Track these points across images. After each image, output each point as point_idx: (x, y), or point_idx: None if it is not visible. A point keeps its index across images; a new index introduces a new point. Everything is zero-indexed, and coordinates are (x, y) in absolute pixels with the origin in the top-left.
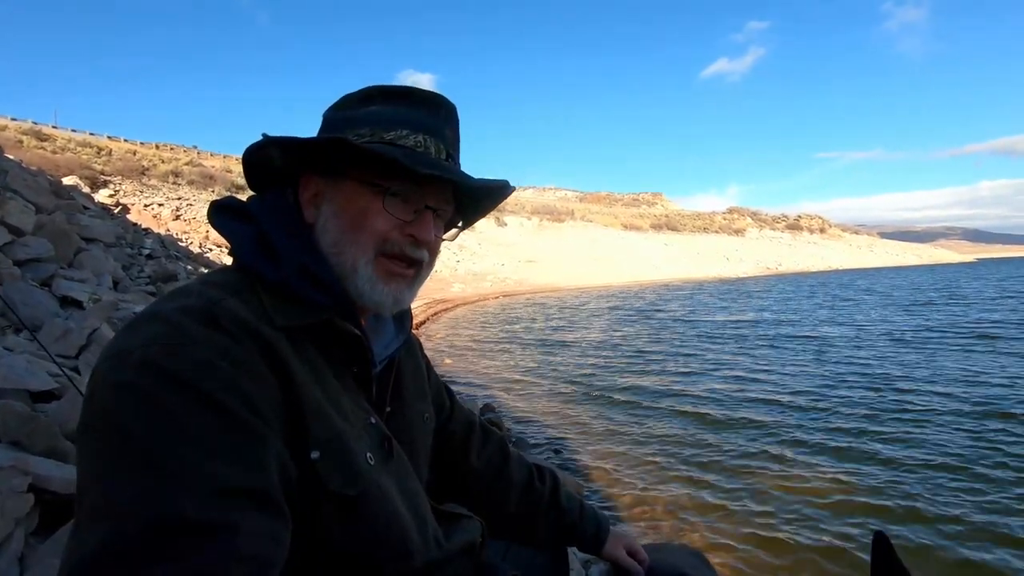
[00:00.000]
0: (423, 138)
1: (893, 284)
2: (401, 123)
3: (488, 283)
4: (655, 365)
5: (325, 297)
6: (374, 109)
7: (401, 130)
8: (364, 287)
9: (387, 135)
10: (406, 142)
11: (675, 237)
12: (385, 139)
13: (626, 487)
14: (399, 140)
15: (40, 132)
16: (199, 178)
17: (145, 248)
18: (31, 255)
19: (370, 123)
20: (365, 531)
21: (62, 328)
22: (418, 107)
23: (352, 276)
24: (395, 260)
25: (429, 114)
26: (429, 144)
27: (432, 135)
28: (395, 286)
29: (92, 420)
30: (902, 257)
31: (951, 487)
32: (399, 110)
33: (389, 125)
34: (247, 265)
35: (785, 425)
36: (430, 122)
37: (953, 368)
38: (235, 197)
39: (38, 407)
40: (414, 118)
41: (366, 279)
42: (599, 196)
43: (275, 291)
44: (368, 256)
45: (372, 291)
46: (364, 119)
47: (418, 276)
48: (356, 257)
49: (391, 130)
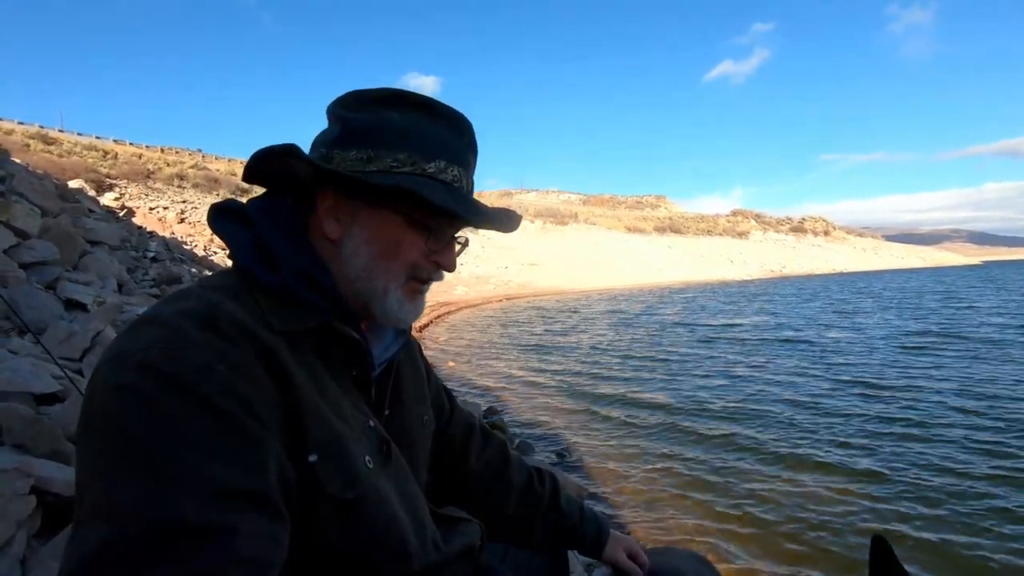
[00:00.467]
0: (458, 171)
1: (900, 288)
2: (438, 151)
3: (491, 286)
4: (658, 369)
5: (324, 301)
6: (401, 122)
7: (440, 161)
8: (392, 308)
9: (428, 166)
10: (445, 176)
11: (679, 240)
12: (427, 171)
13: (630, 490)
14: (439, 174)
15: (46, 136)
16: (204, 181)
17: (150, 251)
18: (36, 258)
19: (408, 147)
20: (363, 534)
21: (66, 331)
22: (446, 128)
23: (382, 299)
24: (419, 282)
25: (456, 138)
26: (462, 178)
27: (463, 166)
28: (417, 303)
29: (92, 422)
30: (907, 260)
31: (952, 491)
32: (430, 131)
33: (428, 153)
34: (245, 268)
35: (791, 429)
36: (460, 149)
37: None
38: (235, 200)
39: (42, 410)
40: (447, 144)
41: (395, 301)
42: (602, 199)
43: (273, 295)
44: (399, 282)
45: (400, 311)
46: (397, 137)
47: (428, 288)
48: (388, 283)
49: (431, 160)
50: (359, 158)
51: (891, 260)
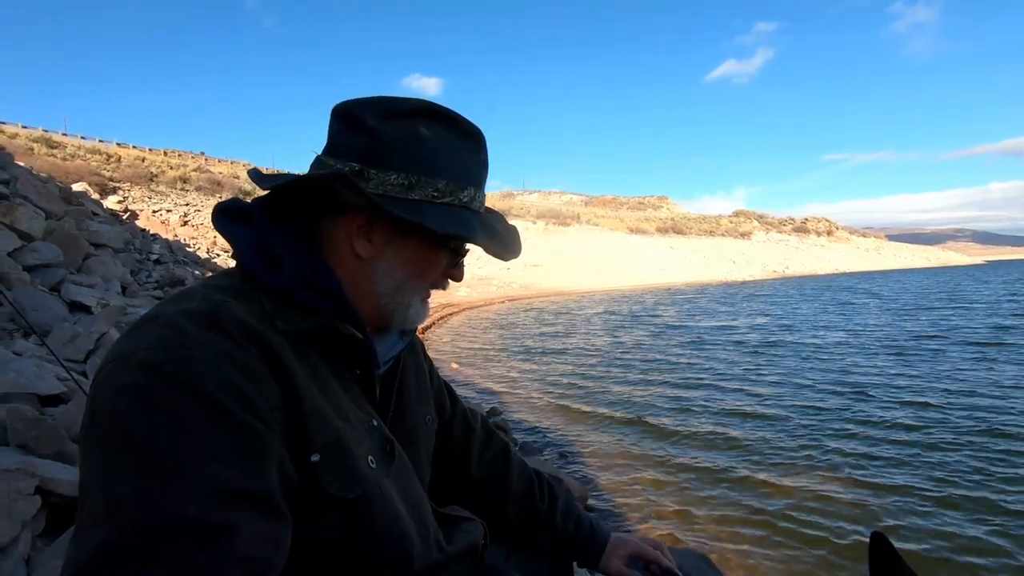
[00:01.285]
0: (480, 196)
1: (902, 287)
2: (468, 178)
3: (494, 287)
4: (660, 371)
5: (327, 303)
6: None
7: (471, 189)
8: (412, 315)
9: (463, 195)
10: (474, 204)
11: (681, 241)
12: (462, 200)
13: (633, 492)
14: (471, 203)
15: (50, 139)
16: (207, 184)
17: (153, 253)
18: (40, 260)
19: (445, 174)
20: (366, 534)
21: (70, 333)
22: (468, 145)
23: (404, 310)
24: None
25: (475, 156)
26: (483, 202)
27: (480, 188)
28: (427, 308)
29: (95, 422)
30: (910, 259)
31: (945, 495)
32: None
33: (462, 180)
34: (249, 268)
35: (793, 433)
36: (479, 172)
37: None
38: (239, 199)
39: (46, 411)
40: (472, 167)
41: (415, 310)
42: (605, 200)
43: (277, 295)
44: (422, 295)
45: (416, 317)
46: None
47: None
48: (412, 297)
49: (464, 188)
50: (400, 183)
51: (894, 260)
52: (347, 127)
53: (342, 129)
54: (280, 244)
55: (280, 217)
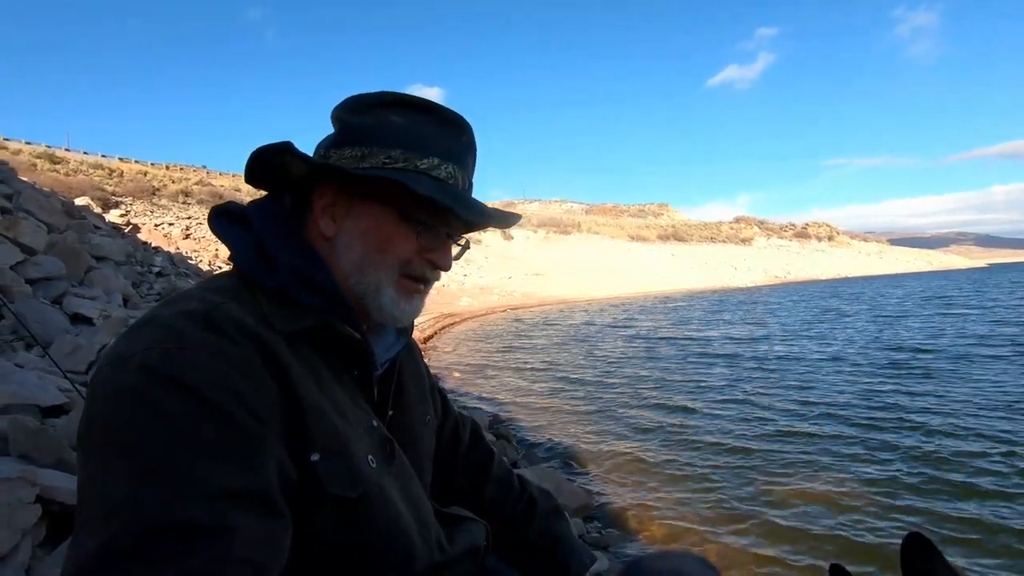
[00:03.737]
0: (453, 169)
1: (905, 292)
2: (433, 149)
3: (495, 296)
4: (662, 380)
5: (322, 301)
6: (399, 123)
7: (433, 158)
8: (386, 305)
9: (421, 163)
10: (439, 173)
11: (682, 247)
12: (420, 167)
13: (634, 498)
14: (432, 170)
15: (53, 155)
16: (209, 197)
17: (155, 266)
18: (43, 273)
19: (402, 144)
20: (366, 534)
21: (72, 344)
22: (444, 128)
23: (375, 295)
24: (414, 280)
25: (454, 139)
26: (457, 175)
27: (459, 164)
28: (414, 303)
29: (93, 424)
30: (912, 263)
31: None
32: (428, 131)
33: (422, 150)
34: (245, 270)
35: (794, 438)
36: (456, 148)
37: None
38: (235, 202)
39: (48, 422)
40: (443, 143)
41: (389, 298)
42: (605, 208)
43: (273, 295)
44: (392, 278)
45: (394, 309)
46: (394, 136)
47: (429, 290)
48: (380, 279)
49: (424, 157)
50: (353, 155)
51: (896, 264)
52: (332, 126)
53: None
54: (274, 242)
55: (276, 216)
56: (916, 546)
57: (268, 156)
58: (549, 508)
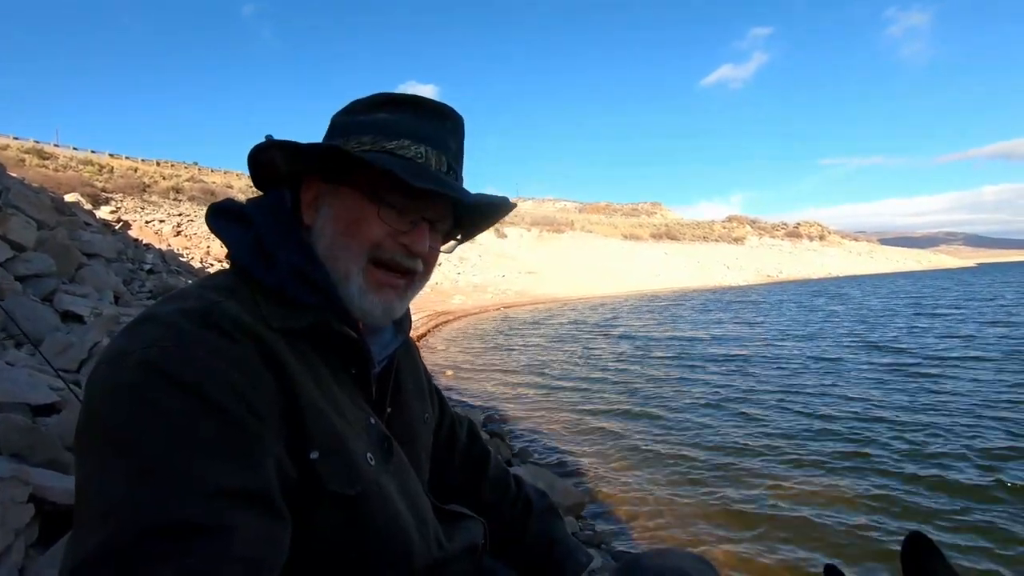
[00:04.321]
0: (424, 149)
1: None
2: (404, 133)
3: (489, 295)
4: (652, 378)
5: (319, 299)
6: (381, 116)
7: (403, 140)
8: (355, 295)
9: (389, 144)
10: (406, 152)
11: (675, 246)
12: (386, 148)
13: (626, 496)
14: (399, 150)
15: (42, 151)
16: (200, 194)
17: (146, 263)
18: (33, 270)
19: (373, 131)
20: (365, 531)
21: (63, 342)
22: (424, 117)
23: (345, 283)
24: (387, 270)
25: (434, 125)
26: (430, 155)
27: (434, 146)
28: (385, 296)
29: (91, 422)
30: (902, 263)
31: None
32: (404, 118)
33: (392, 134)
34: (243, 267)
35: (785, 438)
36: (434, 133)
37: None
38: (233, 200)
39: (39, 420)
40: (418, 128)
41: (357, 287)
42: (598, 206)
43: (271, 293)
44: (360, 264)
45: (362, 300)
46: (369, 126)
47: (411, 286)
48: (348, 265)
49: (393, 139)
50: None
51: (886, 263)
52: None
53: None
54: (273, 240)
55: (275, 215)
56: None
57: (256, 156)
58: (544, 508)
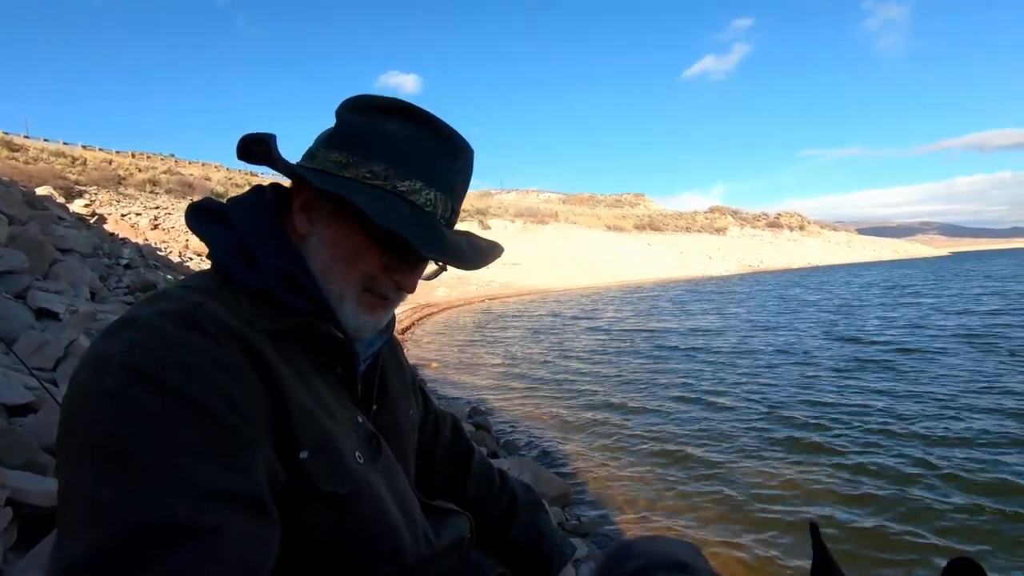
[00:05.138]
0: (434, 196)
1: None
2: (417, 169)
3: (473, 287)
4: (635, 369)
5: (304, 301)
6: (394, 133)
7: (416, 181)
8: (348, 315)
9: (401, 184)
10: (417, 198)
11: (658, 237)
12: (398, 188)
13: (611, 486)
14: (410, 194)
15: (11, 142)
16: (177, 186)
17: (123, 258)
18: (4, 267)
19: (388, 159)
20: (356, 530)
21: (38, 340)
22: (439, 148)
23: (339, 304)
24: (377, 296)
25: (447, 162)
26: (438, 202)
27: (444, 191)
28: (376, 316)
29: (73, 427)
30: (879, 252)
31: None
32: (420, 148)
33: (406, 170)
34: (226, 268)
35: (768, 429)
36: (447, 174)
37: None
38: (213, 199)
39: (14, 421)
40: (433, 166)
41: (351, 310)
42: (582, 198)
43: (255, 294)
44: (355, 290)
45: (355, 320)
46: (383, 148)
47: (397, 303)
48: (343, 289)
49: (406, 178)
50: (338, 161)
51: (864, 253)
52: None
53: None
54: (257, 241)
55: (258, 214)
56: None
57: (255, 145)
58: (530, 502)
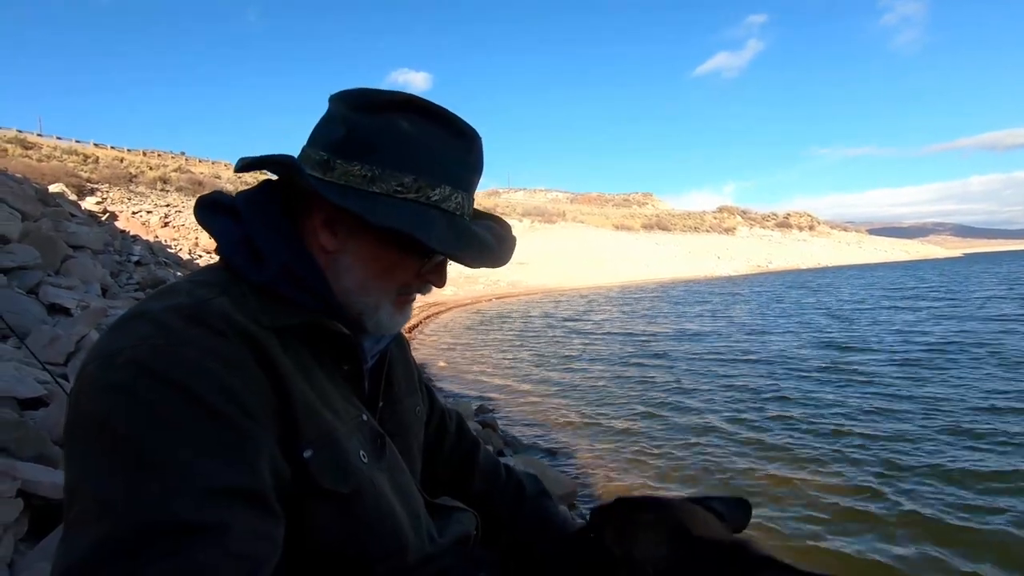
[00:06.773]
0: (461, 197)
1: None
2: (444, 175)
3: (480, 286)
4: (642, 368)
5: (311, 299)
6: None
7: (445, 187)
8: (384, 320)
9: (432, 193)
10: (448, 205)
11: (666, 237)
12: (431, 199)
13: (617, 485)
14: (443, 202)
15: (25, 140)
16: (188, 184)
17: (134, 255)
18: (17, 262)
19: (414, 168)
20: (359, 528)
21: (50, 335)
22: (453, 142)
23: (374, 313)
24: (408, 296)
25: (463, 155)
26: (464, 204)
27: (467, 190)
28: (405, 312)
29: (81, 422)
30: (890, 253)
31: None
32: (437, 145)
33: (433, 177)
34: (233, 264)
35: (773, 432)
36: (465, 170)
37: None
38: (222, 192)
39: (26, 414)
40: (454, 166)
41: (387, 314)
42: (590, 197)
43: (262, 291)
44: (391, 297)
45: (390, 322)
46: (404, 151)
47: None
48: (380, 299)
49: (436, 185)
50: (363, 175)
51: (874, 254)
52: (326, 117)
53: (323, 119)
54: (264, 237)
55: (266, 210)
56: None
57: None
58: (537, 492)
